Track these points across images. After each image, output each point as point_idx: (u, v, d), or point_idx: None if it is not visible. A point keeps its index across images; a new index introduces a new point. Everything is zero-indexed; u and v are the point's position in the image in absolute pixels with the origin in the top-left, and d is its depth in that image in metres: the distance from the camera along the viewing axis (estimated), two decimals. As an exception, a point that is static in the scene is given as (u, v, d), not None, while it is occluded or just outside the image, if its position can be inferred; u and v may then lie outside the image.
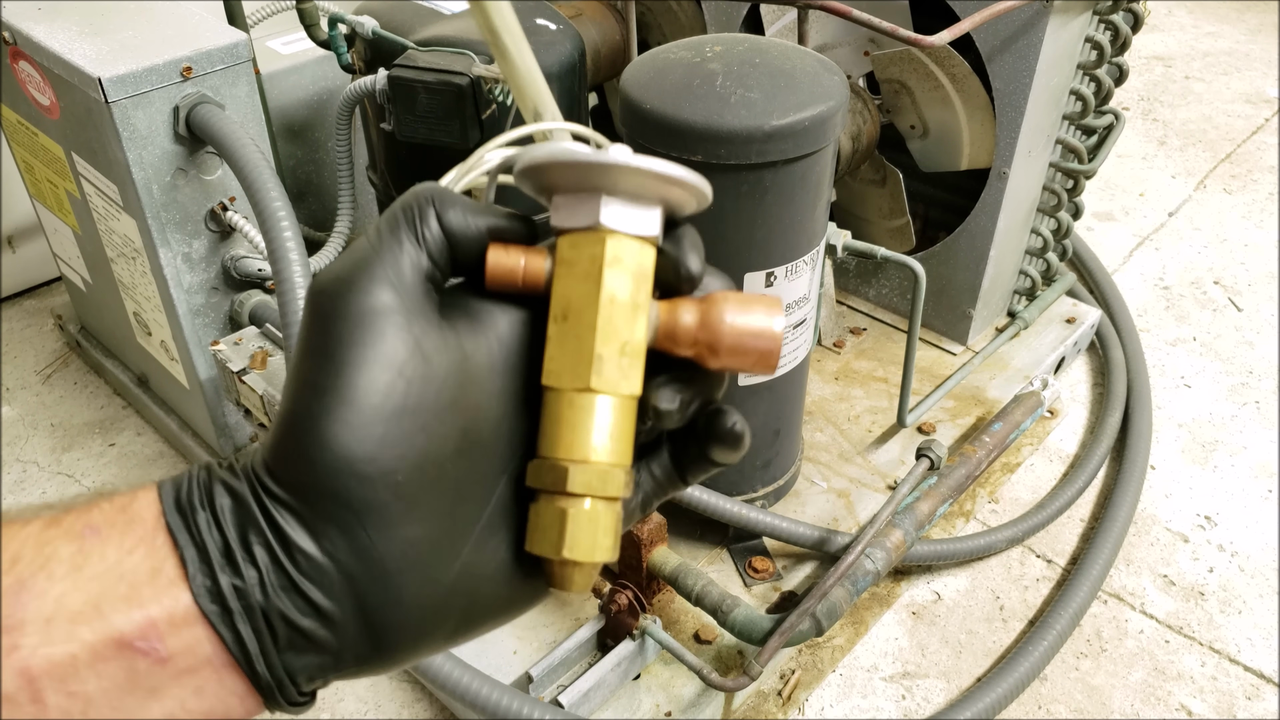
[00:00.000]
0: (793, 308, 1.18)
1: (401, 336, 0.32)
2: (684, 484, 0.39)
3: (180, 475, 0.32)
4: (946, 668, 1.26)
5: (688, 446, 0.37)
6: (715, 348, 0.34)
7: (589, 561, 0.33)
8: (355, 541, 0.31)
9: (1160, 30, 3.12)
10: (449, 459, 0.33)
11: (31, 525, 0.31)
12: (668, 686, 1.18)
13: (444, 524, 0.33)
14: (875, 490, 1.43)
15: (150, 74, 1.16)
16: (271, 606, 0.30)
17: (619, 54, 1.75)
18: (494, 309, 0.35)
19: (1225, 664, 1.27)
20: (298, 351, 0.33)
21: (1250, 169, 2.39)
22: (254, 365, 1.22)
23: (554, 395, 0.33)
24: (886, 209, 1.67)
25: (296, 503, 0.31)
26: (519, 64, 0.36)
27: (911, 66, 1.51)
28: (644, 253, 0.34)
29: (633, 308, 0.33)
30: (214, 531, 0.31)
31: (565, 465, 0.33)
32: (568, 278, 0.34)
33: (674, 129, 1.02)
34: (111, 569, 0.30)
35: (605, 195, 0.33)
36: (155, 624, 0.30)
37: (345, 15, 1.38)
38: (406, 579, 0.32)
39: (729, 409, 0.36)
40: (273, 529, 0.31)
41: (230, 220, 1.28)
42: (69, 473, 1.57)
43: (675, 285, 0.35)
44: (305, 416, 0.31)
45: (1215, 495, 1.52)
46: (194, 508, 0.31)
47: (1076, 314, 1.76)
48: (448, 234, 0.34)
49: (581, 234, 0.34)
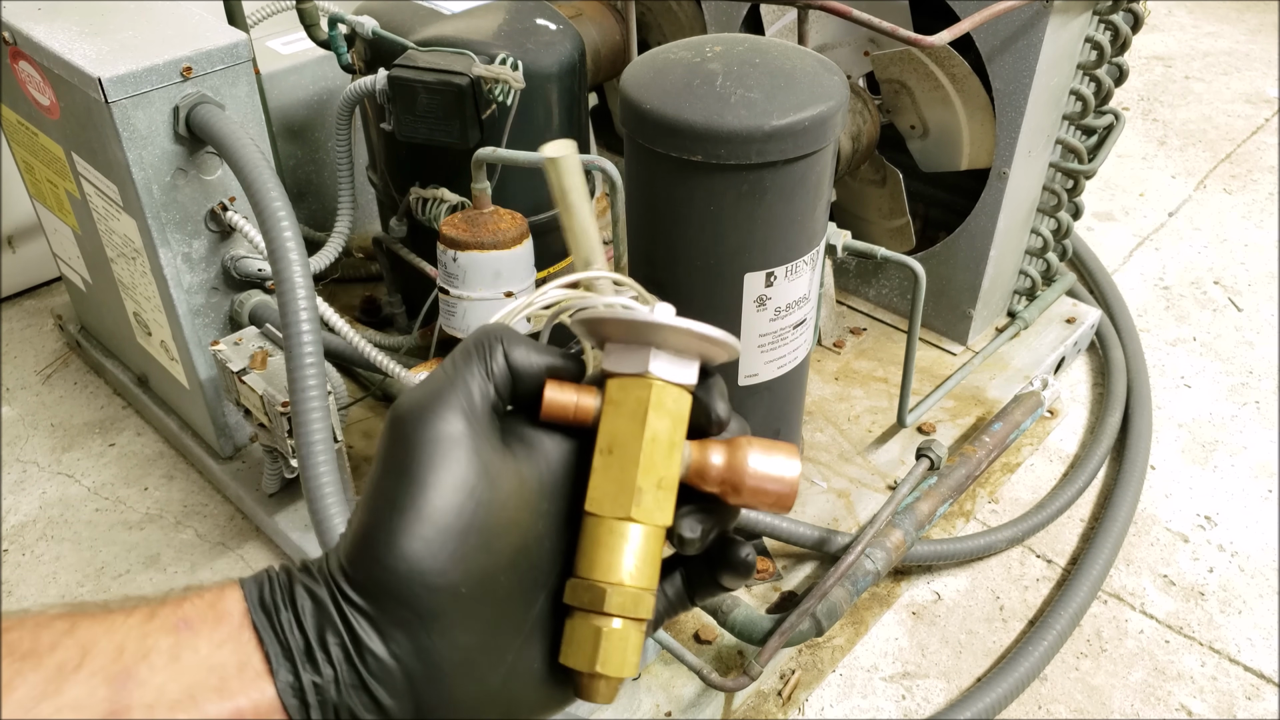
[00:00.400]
0: (793, 308, 1.18)
1: (472, 461, 0.36)
2: (691, 605, 0.42)
3: (260, 574, 0.36)
4: (946, 668, 1.26)
5: (700, 572, 0.41)
6: (739, 488, 0.38)
7: (617, 676, 0.37)
8: (419, 644, 0.34)
9: (1160, 30, 3.12)
10: (502, 573, 0.36)
11: (133, 616, 0.34)
12: (668, 686, 1.18)
13: (494, 632, 0.36)
14: (875, 490, 1.43)
15: (150, 74, 1.16)
16: (343, 702, 0.34)
17: (619, 54, 1.75)
18: (545, 437, 0.39)
19: (1225, 664, 1.27)
20: (377, 469, 0.36)
21: (1250, 169, 2.39)
22: (254, 365, 1.22)
23: (595, 521, 0.37)
24: (886, 209, 1.67)
25: (370, 607, 0.34)
26: (579, 219, 0.42)
27: (911, 66, 1.51)
28: (682, 399, 0.39)
29: (670, 447, 0.38)
30: (295, 631, 0.34)
31: (603, 587, 0.36)
32: (615, 416, 0.38)
33: (674, 129, 1.02)
34: (204, 661, 0.33)
35: (654, 349, 0.38)
36: (242, 713, 0.33)
37: (345, 15, 1.38)
38: (459, 681, 0.35)
39: (741, 540, 0.41)
40: (348, 630, 0.34)
41: (230, 220, 1.28)
42: (69, 473, 1.57)
43: (704, 427, 0.39)
44: (383, 529, 0.35)
45: (1215, 495, 1.52)
46: (277, 607, 0.34)
47: (1076, 314, 1.76)
48: (513, 370, 0.38)
49: (630, 379, 0.38)
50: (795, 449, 0.40)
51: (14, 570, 1.41)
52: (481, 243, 1.22)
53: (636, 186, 1.13)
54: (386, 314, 1.67)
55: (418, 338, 1.56)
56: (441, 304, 1.29)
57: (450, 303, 1.27)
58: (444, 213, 1.38)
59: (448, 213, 1.38)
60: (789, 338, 1.20)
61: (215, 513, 1.49)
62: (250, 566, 1.40)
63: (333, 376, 1.33)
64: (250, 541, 1.44)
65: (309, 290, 1.06)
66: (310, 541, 1.33)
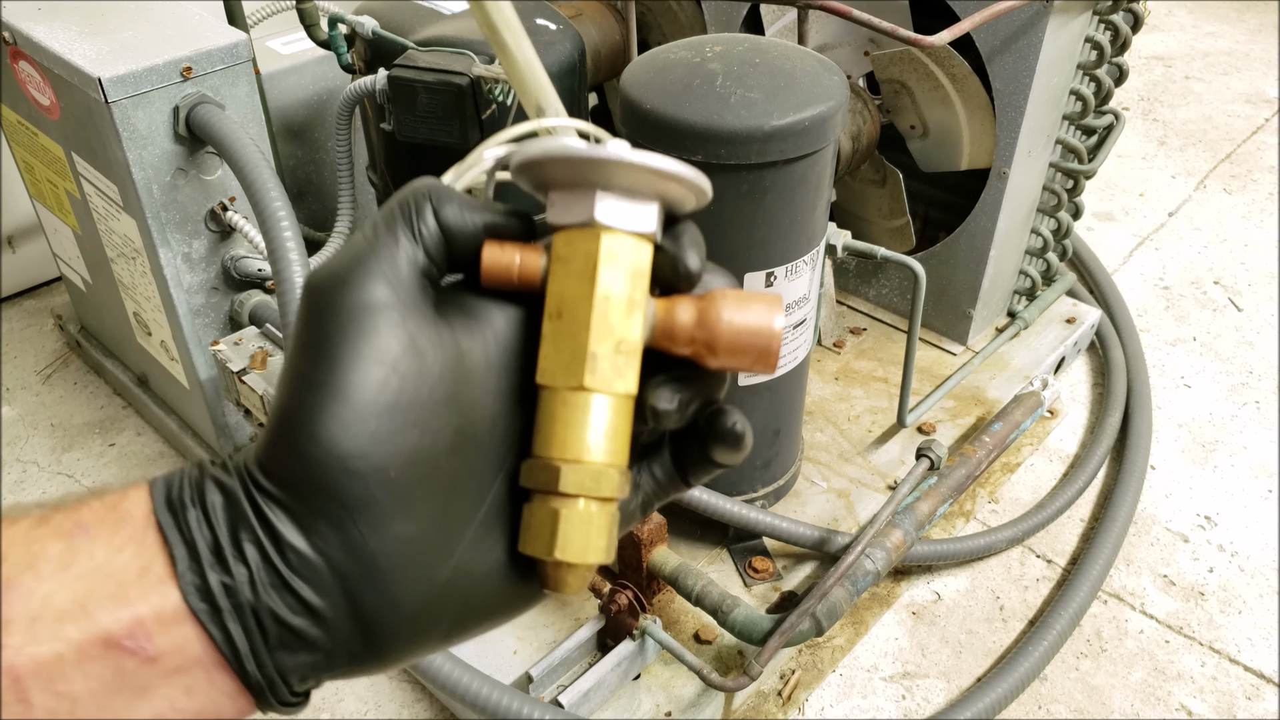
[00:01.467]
0: (793, 308, 1.18)
1: (396, 332, 0.31)
2: (686, 485, 0.38)
3: (172, 473, 0.32)
4: (946, 668, 1.26)
5: (689, 447, 0.37)
6: (713, 346, 0.34)
7: (582, 563, 0.33)
8: (347, 538, 0.31)
9: (1160, 30, 3.12)
10: (443, 456, 0.32)
11: (20, 524, 0.30)
12: (668, 686, 1.18)
13: (438, 522, 0.32)
14: (875, 490, 1.43)
15: (150, 74, 1.16)
16: (262, 605, 0.30)
17: (619, 54, 1.75)
18: (490, 306, 0.34)
19: (1225, 664, 1.27)
20: (292, 346, 0.32)
21: (1250, 169, 2.39)
22: (254, 365, 1.22)
23: (548, 394, 0.33)
24: (886, 209, 1.67)
25: (288, 499, 0.31)
26: (520, 60, 0.36)
27: (911, 66, 1.51)
28: (640, 250, 0.33)
29: (628, 305, 0.33)
30: (204, 529, 0.30)
31: (558, 465, 0.32)
32: (562, 275, 0.33)
33: (674, 129, 1.02)
34: (100, 567, 0.30)
35: (600, 191, 0.33)
36: (143, 623, 0.29)
37: (345, 15, 1.38)
38: (400, 577, 0.31)
39: (730, 408, 0.36)
40: (263, 525, 0.30)
41: (230, 220, 1.28)
42: (69, 473, 1.57)
43: (674, 283, 0.35)
44: (297, 411, 0.31)
45: (1215, 495, 1.52)
46: (184, 505, 0.31)
47: (1076, 314, 1.76)
48: (444, 230, 0.33)
49: (577, 230, 0.33)
50: (777, 298, 0.35)
51: None
52: (481, 243, 1.22)
53: (636, 186, 1.13)
54: (386, 314, 1.67)
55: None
56: (441, 304, 1.29)
57: (450, 303, 1.27)
58: (444, 213, 1.38)
59: (448, 213, 1.38)
60: (789, 338, 1.20)
61: (215, 513, 1.49)
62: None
63: (333, 376, 1.33)
64: (250, 541, 1.44)
65: (309, 290, 1.06)
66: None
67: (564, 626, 1.22)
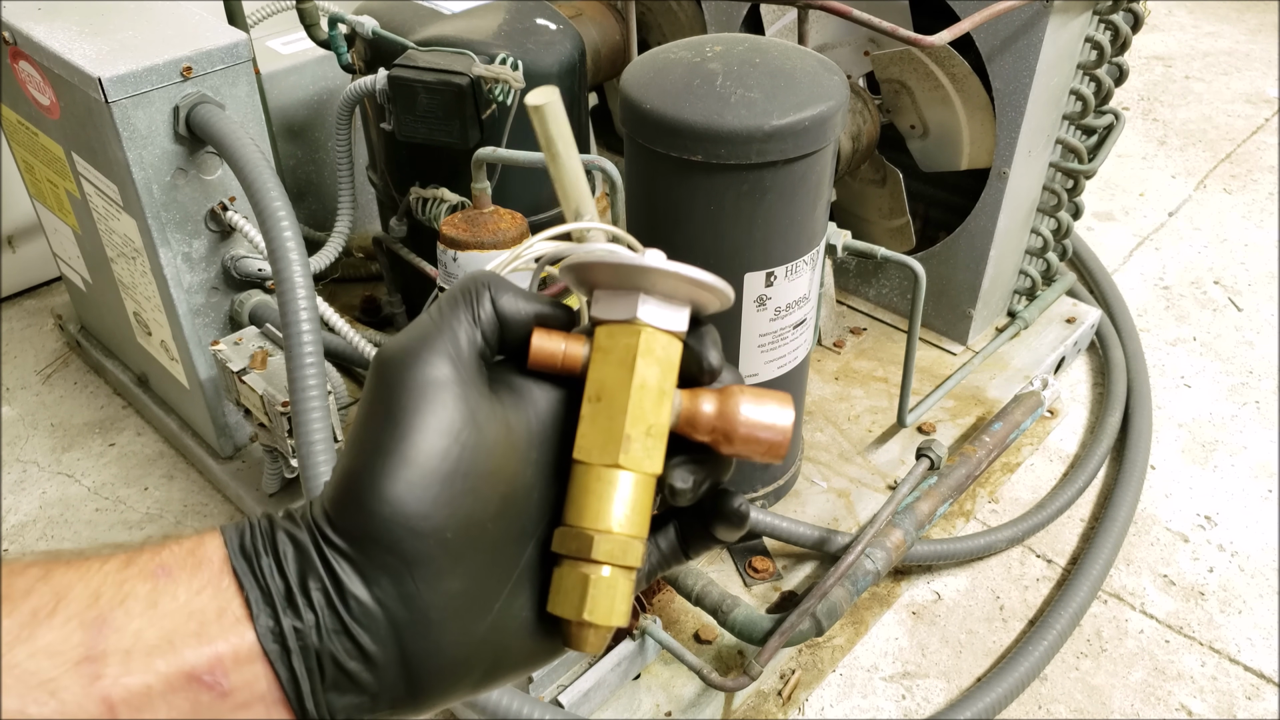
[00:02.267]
0: (793, 308, 1.18)
1: (459, 406, 0.35)
2: (685, 559, 0.42)
3: (241, 522, 0.36)
4: (946, 668, 1.26)
5: (693, 524, 0.41)
6: (730, 436, 0.38)
7: (605, 625, 0.36)
8: (404, 590, 0.34)
9: (1160, 30, 3.12)
10: (490, 521, 0.36)
11: (110, 562, 0.33)
12: (668, 686, 1.18)
13: (481, 580, 0.36)
14: (875, 490, 1.43)
15: (150, 74, 1.16)
16: (324, 648, 0.33)
17: (619, 54, 1.75)
18: (533, 386, 0.39)
19: (1225, 664, 1.27)
20: (362, 413, 0.36)
21: (1250, 169, 2.39)
22: (254, 365, 1.22)
23: (583, 469, 0.37)
24: (886, 209, 1.67)
25: (353, 551, 0.34)
26: (567, 169, 0.42)
27: (911, 66, 1.51)
28: (672, 346, 0.38)
29: (660, 394, 0.37)
30: (276, 576, 0.34)
31: (590, 534, 0.36)
32: (604, 364, 0.38)
33: (674, 129, 1.02)
34: (182, 607, 0.33)
35: (643, 294, 0.38)
36: (221, 660, 0.32)
37: (345, 15, 1.38)
38: (446, 629, 0.35)
39: (735, 492, 0.40)
40: (330, 575, 0.34)
41: (230, 220, 1.28)
42: (69, 473, 1.57)
43: (696, 376, 0.39)
44: (367, 473, 0.34)
45: (1215, 495, 1.52)
46: (258, 553, 0.34)
47: (1076, 314, 1.76)
48: (500, 316, 0.38)
49: (618, 325, 0.38)
50: (788, 397, 0.39)
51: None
52: (481, 243, 1.22)
53: (636, 186, 1.13)
54: (386, 314, 1.67)
55: (418, 338, 1.56)
56: (441, 304, 1.29)
57: (450, 303, 1.27)
58: (444, 213, 1.38)
59: (448, 213, 1.38)
60: (789, 337, 1.20)
61: (215, 513, 1.49)
62: (250, 566, 1.40)
63: (333, 376, 1.33)
64: (250, 541, 1.44)
65: (309, 290, 1.06)
66: (310, 541, 1.33)
67: (564, 626, 1.22)
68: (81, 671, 0.31)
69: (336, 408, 1.20)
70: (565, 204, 0.43)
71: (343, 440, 1.21)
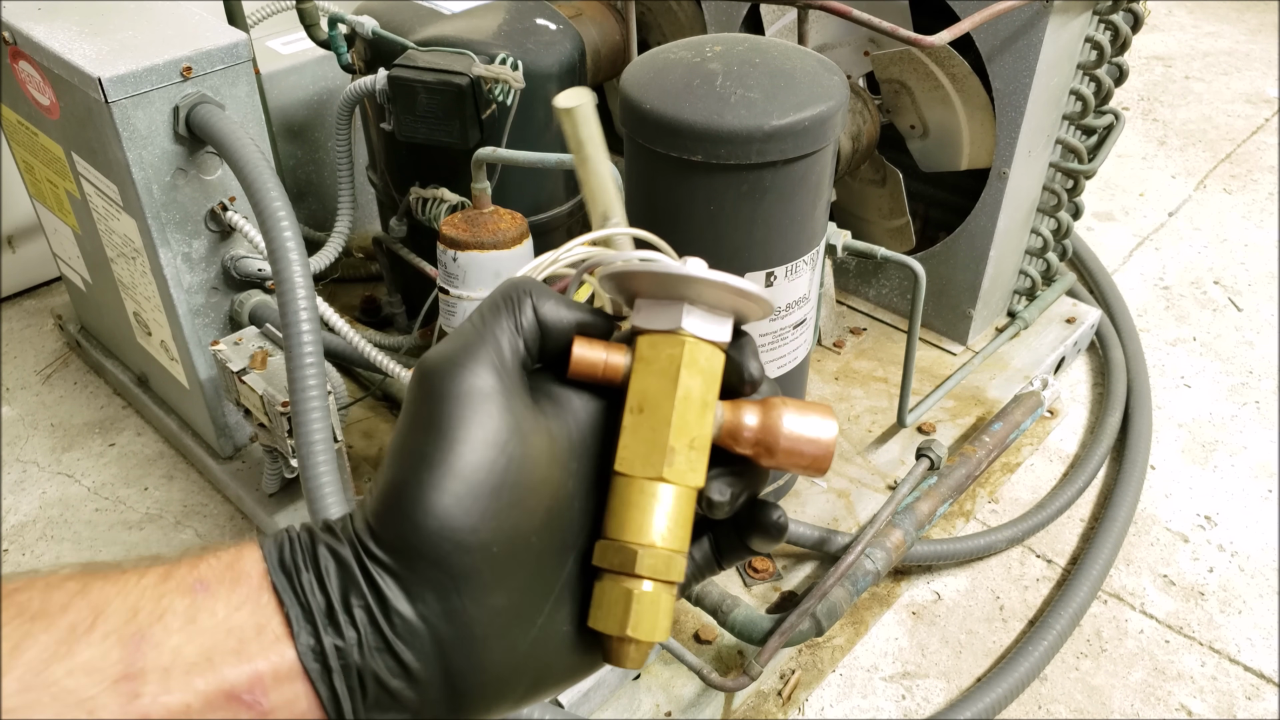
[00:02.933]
0: (793, 308, 1.18)
1: (505, 417, 0.34)
2: (719, 569, 0.41)
3: (279, 534, 0.35)
4: (946, 668, 1.26)
5: (729, 535, 0.40)
6: (773, 449, 0.37)
7: (648, 641, 0.35)
8: (449, 606, 0.33)
9: (1160, 30, 3.12)
10: (534, 534, 0.35)
11: (147, 577, 0.33)
12: (668, 686, 1.18)
13: (525, 595, 0.35)
14: (875, 490, 1.43)
15: (150, 74, 1.16)
16: (366, 666, 0.32)
17: (619, 54, 1.75)
18: (573, 395, 0.38)
19: (1225, 664, 1.27)
20: (404, 424, 0.35)
21: (1250, 169, 2.39)
22: (254, 365, 1.22)
23: (625, 481, 0.36)
24: (886, 209, 1.67)
25: (398, 566, 0.33)
26: (597, 172, 0.41)
27: (911, 66, 1.51)
28: (715, 357, 0.37)
29: (703, 406, 0.36)
30: (317, 592, 0.33)
31: (634, 548, 0.35)
32: (646, 374, 0.37)
33: (674, 129, 1.02)
34: (221, 623, 0.32)
35: (687, 304, 0.37)
36: (261, 678, 0.32)
37: (345, 15, 1.38)
38: (490, 645, 0.34)
39: (773, 503, 0.39)
40: (373, 591, 0.33)
41: (230, 220, 1.28)
42: (69, 473, 1.57)
43: (736, 387, 0.38)
44: (413, 485, 0.33)
45: (1215, 495, 1.52)
46: (298, 568, 0.33)
47: (1076, 314, 1.76)
48: (541, 324, 0.37)
49: (661, 336, 0.37)
50: (830, 409, 0.38)
51: (14, 570, 1.41)
52: (481, 243, 1.22)
53: (636, 186, 1.13)
54: (386, 314, 1.67)
55: (418, 338, 1.56)
56: (441, 304, 1.29)
57: (450, 303, 1.27)
58: (444, 213, 1.38)
59: (448, 213, 1.38)
60: (789, 338, 1.20)
61: (215, 513, 1.49)
62: (250, 566, 1.40)
63: (333, 376, 1.33)
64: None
65: (309, 290, 1.06)
66: (310, 541, 1.33)
67: (564, 626, 1.22)
68: (120, 690, 0.30)
69: (336, 408, 1.20)
70: (593, 207, 0.42)
71: (343, 440, 1.21)
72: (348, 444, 1.49)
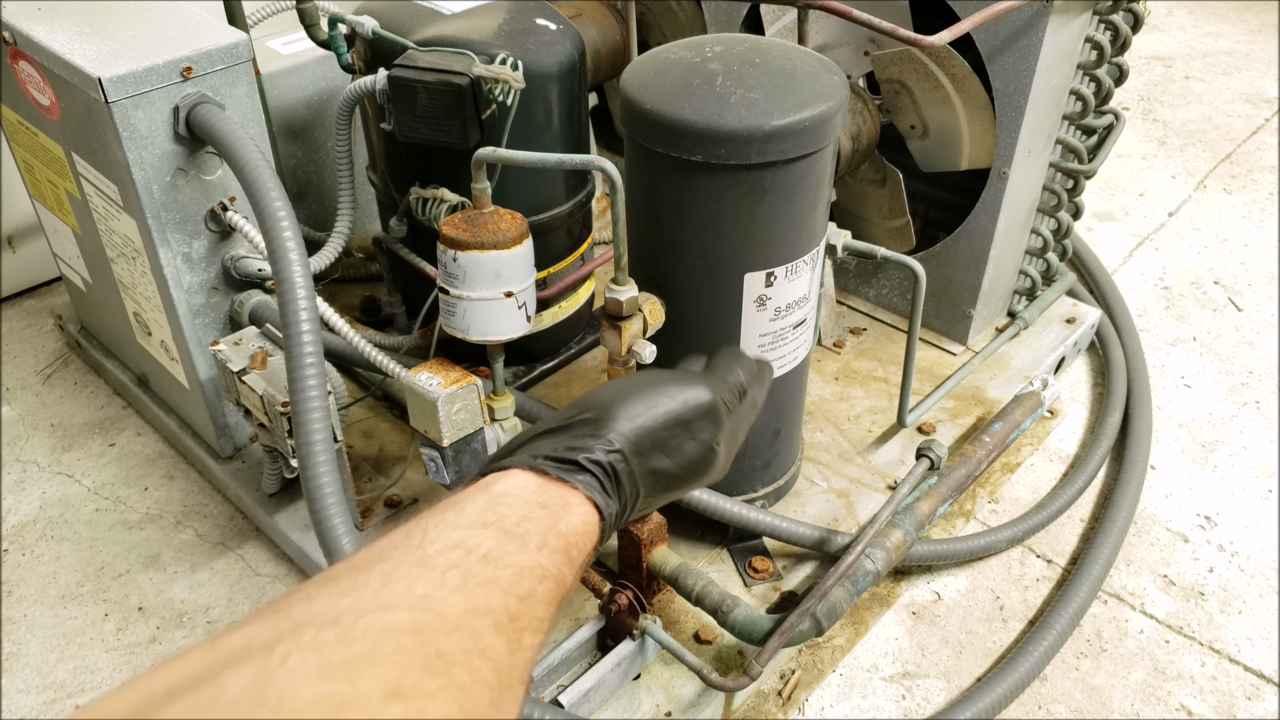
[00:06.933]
0: (793, 308, 1.18)
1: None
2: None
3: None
4: (946, 668, 1.26)
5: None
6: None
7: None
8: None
9: (1160, 30, 3.12)
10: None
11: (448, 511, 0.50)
12: (668, 686, 1.18)
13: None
14: (875, 490, 1.43)
15: (150, 74, 1.16)
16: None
17: (619, 54, 1.75)
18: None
19: (1225, 664, 1.27)
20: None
21: (1250, 169, 2.39)
22: (254, 365, 1.22)
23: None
24: (886, 209, 1.67)
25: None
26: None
27: (911, 66, 1.51)
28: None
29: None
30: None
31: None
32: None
33: (674, 129, 1.02)
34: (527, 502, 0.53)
35: None
36: (589, 522, 0.55)
37: (345, 15, 1.38)
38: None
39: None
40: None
41: (230, 220, 1.28)
42: (69, 473, 1.57)
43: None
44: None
45: (1215, 495, 1.52)
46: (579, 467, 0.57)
47: (1076, 314, 1.76)
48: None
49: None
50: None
51: (14, 570, 1.41)
52: (481, 243, 1.22)
53: (636, 186, 1.13)
54: (386, 314, 1.67)
55: (418, 338, 1.56)
56: (441, 304, 1.29)
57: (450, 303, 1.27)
58: (444, 213, 1.38)
59: (448, 213, 1.38)
60: (789, 338, 1.20)
61: (215, 513, 1.49)
62: (250, 567, 1.40)
63: (333, 376, 1.33)
64: (250, 541, 1.44)
65: (309, 290, 1.06)
66: (310, 542, 1.33)
67: (564, 626, 1.22)
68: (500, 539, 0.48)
69: (336, 408, 1.20)
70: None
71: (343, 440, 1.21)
72: (348, 444, 1.49)
